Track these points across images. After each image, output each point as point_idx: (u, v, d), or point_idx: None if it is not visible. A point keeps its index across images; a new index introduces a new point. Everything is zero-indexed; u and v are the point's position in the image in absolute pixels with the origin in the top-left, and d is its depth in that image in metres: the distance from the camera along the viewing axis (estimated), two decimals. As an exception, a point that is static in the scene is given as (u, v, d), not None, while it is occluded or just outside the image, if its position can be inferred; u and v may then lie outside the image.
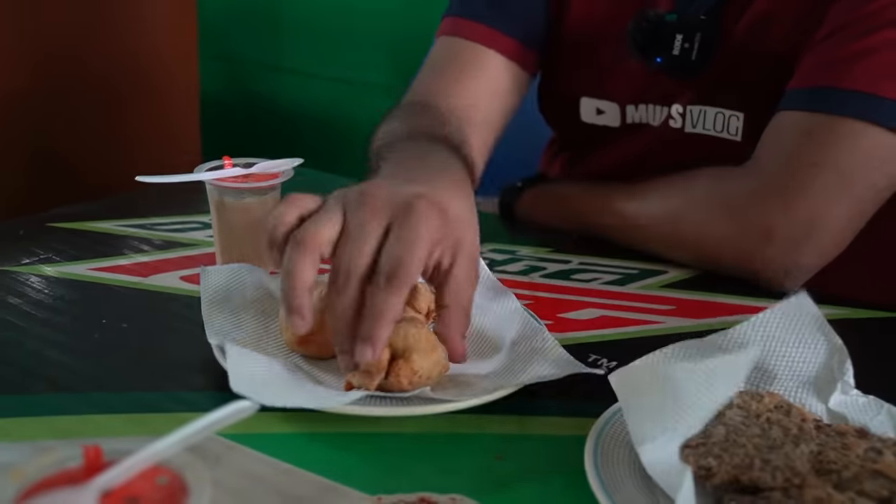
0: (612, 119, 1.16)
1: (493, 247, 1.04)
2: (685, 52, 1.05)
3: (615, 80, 1.14)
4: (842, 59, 0.94)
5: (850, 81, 0.93)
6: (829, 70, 0.95)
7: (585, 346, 0.81)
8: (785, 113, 0.97)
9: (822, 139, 0.93)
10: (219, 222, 0.92)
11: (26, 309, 0.84)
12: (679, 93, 1.09)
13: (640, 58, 1.08)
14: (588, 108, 1.17)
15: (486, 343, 0.78)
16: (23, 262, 0.94)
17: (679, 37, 1.05)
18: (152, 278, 0.92)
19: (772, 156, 0.97)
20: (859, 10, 0.94)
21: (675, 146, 1.11)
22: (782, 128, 0.97)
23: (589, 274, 0.98)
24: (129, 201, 1.14)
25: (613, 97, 1.15)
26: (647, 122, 1.13)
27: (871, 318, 0.92)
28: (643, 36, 1.07)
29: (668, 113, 1.11)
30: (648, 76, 1.10)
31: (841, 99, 0.93)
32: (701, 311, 0.91)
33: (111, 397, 0.71)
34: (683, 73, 1.07)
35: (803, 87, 0.97)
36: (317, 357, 0.75)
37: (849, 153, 0.93)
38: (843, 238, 0.96)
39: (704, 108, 1.08)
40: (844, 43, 0.95)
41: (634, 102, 1.13)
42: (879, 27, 0.93)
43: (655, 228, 1.02)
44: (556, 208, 1.12)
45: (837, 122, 0.93)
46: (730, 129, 1.07)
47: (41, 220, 1.05)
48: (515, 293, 0.86)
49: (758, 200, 0.95)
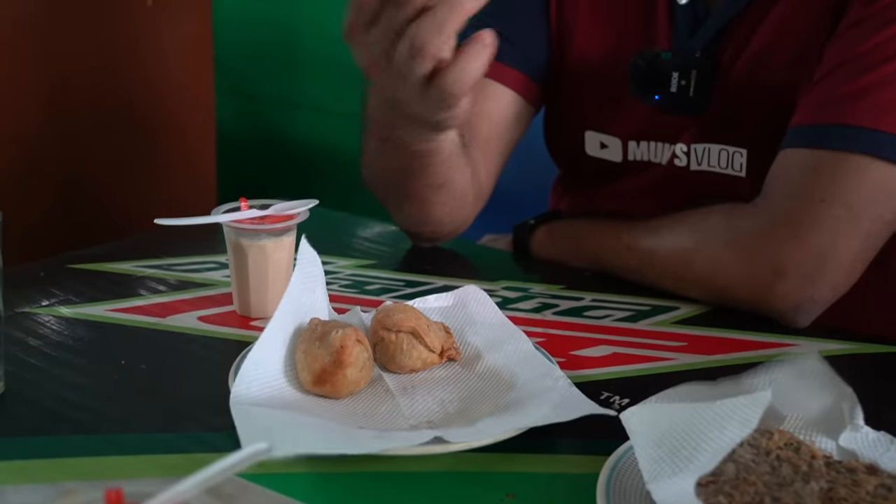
0: (614, 154, 1.18)
1: (506, 284, 1.05)
2: (682, 89, 1.07)
3: (618, 115, 1.16)
4: (844, 95, 0.96)
5: (853, 118, 0.95)
6: (832, 107, 0.97)
7: (598, 383, 0.82)
8: (790, 150, 0.99)
9: (829, 175, 0.95)
10: (235, 263, 0.94)
11: (47, 350, 0.86)
12: (682, 130, 1.11)
13: (638, 95, 1.10)
14: (592, 141, 1.19)
15: (499, 382, 0.79)
16: (42, 303, 0.95)
17: (675, 74, 1.07)
18: (170, 318, 0.94)
19: (780, 193, 0.98)
20: (859, 47, 0.96)
21: (681, 183, 1.12)
22: (789, 165, 0.98)
23: (602, 311, 0.99)
24: (148, 242, 1.15)
25: (616, 132, 1.17)
26: (650, 159, 1.15)
27: (882, 352, 0.93)
28: (641, 74, 1.10)
29: (673, 151, 1.12)
30: (650, 114, 1.12)
31: (845, 135, 0.95)
32: (713, 347, 0.92)
33: (131, 438, 0.72)
34: (683, 111, 1.09)
35: (807, 123, 0.98)
36: (331, 396, 0.76)
37: (855, 188, 0.94)
38: (855, 271, 0.96)
39: (708, 146, 1.10)
40: (846, 80, 0.96)
41: (637, 139, 1.15)
42: (879, 64, 0.95)
43: (668, 265, 1.03)
44: (569, 246, 1.14)
45: (842, 158, 0.94)
46: (734, 165, 1.09)
47: (61, 262, 1.07)
48: (528, 331, 0.87)
49: (769, 237, 0.96)
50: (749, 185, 1.06)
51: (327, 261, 1.09)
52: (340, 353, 0.74)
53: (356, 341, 0.76)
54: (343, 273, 1.07)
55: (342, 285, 1.03)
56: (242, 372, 0.75)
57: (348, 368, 0.75)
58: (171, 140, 1.93)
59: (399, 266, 1.11)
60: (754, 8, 1.05)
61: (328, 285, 0.86)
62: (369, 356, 0.78)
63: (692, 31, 1.09)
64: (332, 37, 2.37)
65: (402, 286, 1.04)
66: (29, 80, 1.67)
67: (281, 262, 0.94)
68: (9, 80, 1.64)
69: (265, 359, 0.77)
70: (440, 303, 0.91)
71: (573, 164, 1.24)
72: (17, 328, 0.89)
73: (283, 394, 0.76)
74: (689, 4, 1.08)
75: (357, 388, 0.77)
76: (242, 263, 0.93)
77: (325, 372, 0.75)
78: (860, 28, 0.97)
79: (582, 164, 1.21)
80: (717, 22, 1.07)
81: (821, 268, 0.94)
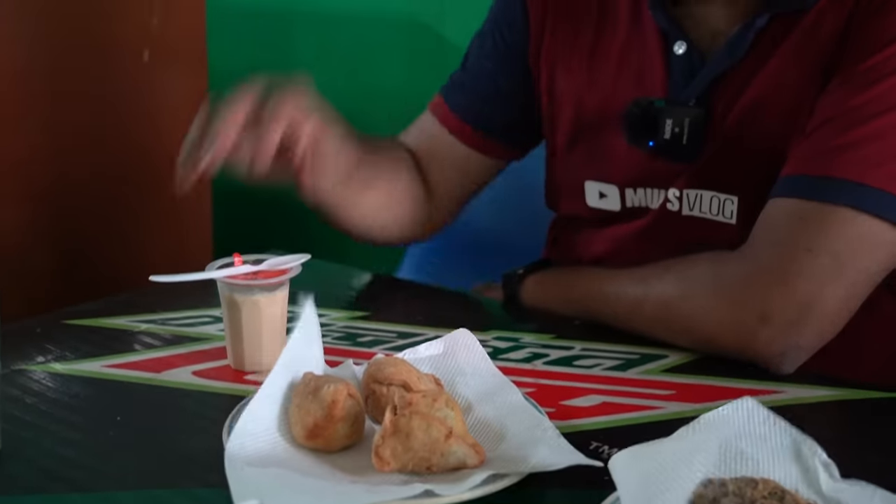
0: (613, 203, 1.20)
1: (496, 334, 1.06)
2: (676, 136, 1.10)
3: (615, 164, 1.18)
4: (832, 148, 0.98)
5: (840, 171, 0.97)
6: (821, 159, 0.99)
7: (587, 433, 0.83)
8: (778, 200, 1.01)
9: (815, 226, 0.97)
10: (230, 318, 0.95)
11: (43, 408, 0.87)
12: (675, 176, 1.13)
13: (633, 142, 1.13)
14: (592, 191, 1.21)
15: (489, 435, 0.80)
16: (38, 360, 0.97)
17: (669, 121, 1.10)
18: (165, 374, 0.95)
19: (766, 241, 1.00)
20: (849, 103, 0.99)
21: (672, 228, 1.14)
22: (776, 214, 1.00)
23: (591, 360, 1.01)
24: (143, 296, 1.16)
25: (614, 180, 1.19)
26: (646, 205, 1.17)
27: (868, 398, 0.94)
28: (635, 121, 1.13)
29: (666, 196, 1.14)
30: (646, 160, 1.14)
31: (831, 187, 0.97)
32: (701, 395, 0.93)
33: (128, 496, 0.73)
34: (677, 157, 1.11)
35: (796, 174, 1.01)
36: (324, 450, 0.77)
37: (840, 239, 0.96)
38: (840, 319, 0.98)
39: (701, 192, 1.12)
40: (835, 133, 0.99)
41: (633, 186, 1.17)
42: (867, 119, 0.97)
43: (656, 314, 1.04)
44: (558, 295, 1.15)
45: (829, 210, 0.96)
46: (725, 212, 1.10)
47: (56, 318, 1.08)
48: (519, 381, 0.88)
49: (754, 285, 0.98)
50: (738, 232, 1.08)
51: (321, 313, 1.09)
52: (332, 408, 0.75)
53: (348, 395, 0.77)
54: (336, 325, 1.08)
55: (335, 337, 1.04)
56: (237, 428, 0.76)
57: (340, 423, 0.76)
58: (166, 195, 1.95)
59: (391, 317, 1.12)
60: (749, 60, 1.08)
61: (321, 337, 0.87)
62: (361, 410, 0.79)
63: (687, 80, 1.11)
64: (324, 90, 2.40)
65: (394, 337, 1.05)
66: (25, 137, 1.69)
67: (274, 317, 0.95)
68: (4, 137, 1.66)
69: (258, 414, 0.78)
70: (430, 351, 0.92)
71: (574, 215, 1.27)
72: (13, 385, 0.90)
73: (277, 449, 0.77)
74: (686, 54, 1.11)
75: (350, 442, 0.78)
76: (236, 318, 0.94)
77: (318, 426, 0.76)
78: (850, 84, 1.00)
79: (583, 214, 1.24)
80: (712, 72, 1.10)
81: (806, 315, 0.96)
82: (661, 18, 1.13)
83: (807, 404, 0.92)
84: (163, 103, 1.92)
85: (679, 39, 1.11)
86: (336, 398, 0.76)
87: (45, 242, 1.74)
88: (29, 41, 1.67)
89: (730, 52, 1.08)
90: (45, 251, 1.74)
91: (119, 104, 1.84)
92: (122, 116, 1.85)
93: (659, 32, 1.14)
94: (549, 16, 1.23)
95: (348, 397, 0.77)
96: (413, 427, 0.72)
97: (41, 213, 1.73)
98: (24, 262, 1.68)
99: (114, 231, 1.85)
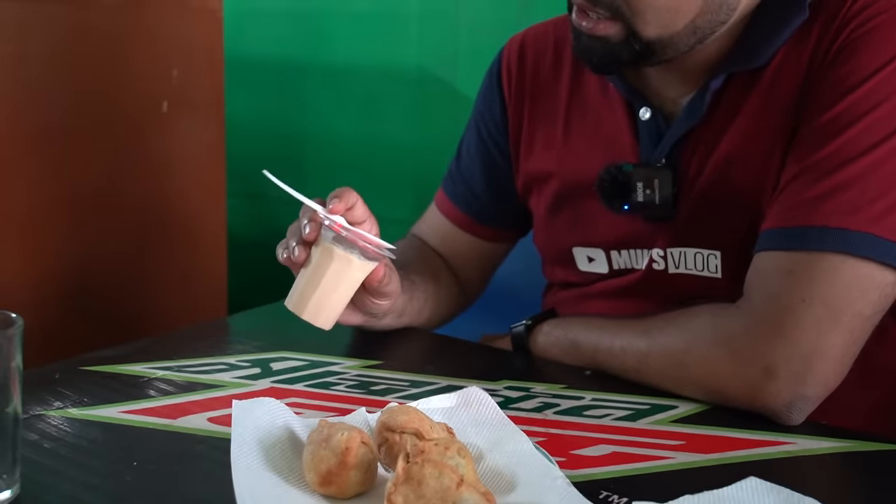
0: (601, 266, 1.24)
1: (508, 384, 1.07)
2: (648, 197, 1.14)
3: (598, 228, 1.22)
4: (809, 199, 1.01)
5: (821, 219, 0.99)
6: (799, 210, 1.01)
7: (597, 482, 0.84)
8: (765, 253, 1.03)
9: (805, 276, 0.99)
10: (317, 262, 1.02)
11: (61, 452, 0.88)
12: (657, 236, 1.16)
13: (609, 207, 1.17)
14: (581, 256, 1.26)
15: (500, 483, 0.81)
16: (56, 405, 0.98)
17: (639, 184, 1.14)
18: (181, 420, 0.96)
19: (761, 295, 1.02)
20: (816, 155, 1.01)
21: (661, 286, 1.17)
22: (765, 268, 1.03)
23: (602, 410, 1.02)
24: (159, 343, 1.18)
25: (599, 244, 1.23)
26: (633, 266, 1.20)
27: (876, 450, 0.94)
28: (607, 187, 1.17)
29: (651, 256, 1.16)
30: (626, 223, 1.18)
31: (815, 236, 0.99)
32: (711, 445, 0.94)
33: (142, 540, 0.74)
34: (654, 217, 1.15)
35: (777, 227, 1.03)
36: (337, 497, 0.78)
37: (831, 286, 0.98)
38: (843, 366, 1.00)
39: (684, 250, 1.15)
40: (809, 184, 1.01)
41: (618, 248, 1.21)
42: (838, 167, 1.00)
43: (663, 367, 1.06)
44: (566, 347, 1.16)
45: (816, 258, 0.98)
46: (710, 267, 1.13)
47: (75, 364, 1.10)
48: (530, 430, 0.89)
49: (756, 338, 1.00)
50: (725, 286, 1.10)
51: (335, 361, 1.11)
52: (345, 455, 0.77)
53: (361, 443, 0.78)
54: (350, 374, 1.09)
55: (348, 386, 1.06)
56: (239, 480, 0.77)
57: (353, 470, 0.77)
58: (183, 244, 1.97)
59: (404, 366, 1.14)
60: (716, 119, 1.11)
61: (335, 386, 0.88)
62: (374, 458, 0.80)
63: (655, 143, 1.15)
64: (337, 138, 2.44)
65: (406, 386, 1.06)
66: (45, 187, 1.72)
67: (354, 281, 1.03)
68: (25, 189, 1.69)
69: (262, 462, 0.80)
70: (443, 403, 0.93)
71: (568, 281, 1.31)
72: (32, 430, 0.92)
73: (290, 494, 0.78)
74: (651, 119, 1.16)
75: (362, 489, 0.79)
76: (324, 265, 1.01)
77: (331, 473, 0.77)
78: (816, 137, 1.02)
79: (575, 280, 1.28)
80: (677, 132, 1.13)
81: (809, 365, 0.97)
82: (622, 88, 1.18)
83: (816, 456, 0.93)
84: (180, 153, 1.95)
85: (643, 105, 1.16)
86: (349, 445, 0.77)
87: (64, 292, 1.76)
88: (48, 92, 1.71)
89: (689, 114, 1.12)
90: (63, 300, 1.76)
91: (138, 154, 1.87)
92: (140, 166, 1.88)
93: (624, 100, 1.18)
94: (527, 98, 1.29)
95: (361, 445, 0.78)
96: (425, 475, 0.73)
97: (61, 263, 1.76)
98: (44, 310, 1.70)
99: (131, 280, 1.87)
